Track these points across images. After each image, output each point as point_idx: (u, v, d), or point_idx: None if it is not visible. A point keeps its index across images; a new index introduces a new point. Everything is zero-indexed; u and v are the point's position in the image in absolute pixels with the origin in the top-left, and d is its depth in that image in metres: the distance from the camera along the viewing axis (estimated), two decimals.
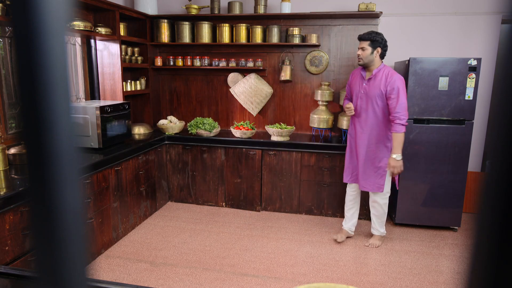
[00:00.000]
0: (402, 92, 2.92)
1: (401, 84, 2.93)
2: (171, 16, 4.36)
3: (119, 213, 3.32)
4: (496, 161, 0.24)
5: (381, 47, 2.98)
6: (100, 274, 2.83)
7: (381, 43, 2.98)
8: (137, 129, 4.13)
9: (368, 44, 2.98)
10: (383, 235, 3.37)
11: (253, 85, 4.22)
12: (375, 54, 2.99)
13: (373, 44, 2.97)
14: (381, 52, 3.00)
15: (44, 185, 0.26)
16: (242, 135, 4.04)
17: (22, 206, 2.22)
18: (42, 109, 0.25)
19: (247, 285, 2.71)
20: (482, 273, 0.25)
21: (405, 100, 2.93)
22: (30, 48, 0.25)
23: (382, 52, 3.01)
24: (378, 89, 2.99)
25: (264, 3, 4.14)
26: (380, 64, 3.04)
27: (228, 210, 4.15)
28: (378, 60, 3.03)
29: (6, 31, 2.93)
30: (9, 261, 2.19)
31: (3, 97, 2.91)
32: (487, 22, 3.88)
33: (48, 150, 0.26)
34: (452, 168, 3.53)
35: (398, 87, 2.91)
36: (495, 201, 0.24)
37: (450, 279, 2.84)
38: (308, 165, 3.90)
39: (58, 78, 0.25)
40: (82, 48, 3.80)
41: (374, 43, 2.97)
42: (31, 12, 0.24)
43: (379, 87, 2.98)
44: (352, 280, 2.80)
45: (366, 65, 3.05)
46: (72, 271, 0.27)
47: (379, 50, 2.99)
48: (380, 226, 3.33)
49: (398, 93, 2.91)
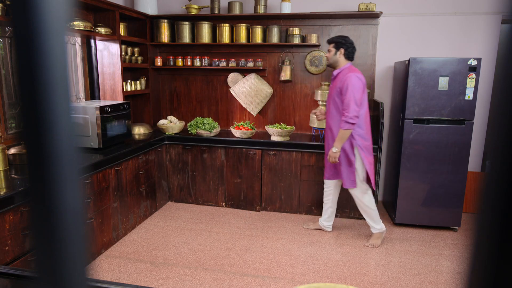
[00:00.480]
0: (351, 90, 3.01)
1: (353, 82, 3.01)
2: (171, 16, 4.36)
3: (119, 213, 3.32)
4: (496, 161, 0.24)
5: (345, 48, 3.14)
6: (100, 274, 2.83)
7: (345, 44, 3.14)
8: (137, 129, 4.13)
9: (332, 46, 3.18)
10: (381, 231, 3.36)
11: (253, 85, 4.22)
12: (338, 55, 3.16)
13: (337, 46, 3.16)
14: (344, 52, 3.15)
15: (44, 185, 0.26)
16: (242, 135, 4.04)
17: (22, 206, 2.22)
18: (42, 109, 0.25)
19: (247, 285, 2.71)
20: (482, 273, 0.25)
21: (353, 98, 3.00)
22: (30, 48, 0.25)
23: (347, 53, 3.16)
24: (337, 87, 3.14)
25: (264, 3, 4.14)
26: (345, 65, 3.18)
27: (228, 210, 4.15)
28: (343, 61, 3.18)
29: (6, 31, 2.93)
30: (9, 261, 2.19)
31: (3, 97, 2.91)
32: (487, 22, 3.88)
33: (48, 150, 0.26)
34: (452, 168, 3.53)
35: (348, 85, 3.02)
36: (495, 201, 0.24)
37: (450, 279, 2.84)
38: (308, 165, 3.90)
39: (58, 78, 0.25)
40: (82, 48, 3.80)
41: (338, 44, 3.15)
42: (31, 12, 0.24)
43: (337, 85, 3.13)
44: (352, 280, 2.80)
45: (332, 66, 3.26)
46: (72, 271, 0.27)
47: (342, 50, 3.15)
48: (373, 222, 3.34)
49: (347, 91, 3.02)
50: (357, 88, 3.01)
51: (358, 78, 3.03)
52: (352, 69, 3.13)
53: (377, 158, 3.72)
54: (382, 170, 4.32)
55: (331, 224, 3.60)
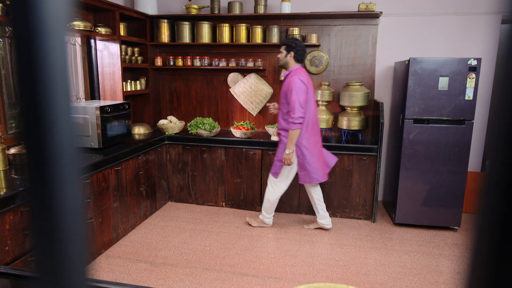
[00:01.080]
0: (295, 92, 3.14)
1: (296, 85, 3.14)
2: (171, 16, 4.36)
3: (119, 213, 3.32)
4: (496, 161, 0.24)
5: (294, 51, 3.25)
6: (100, 274, 2.83)
7: (295, 47, 3.25)
8: (137, 129, 4.13)
9: (284, 48, 3.30)
10: (265, 222, 3.65)
11: (253, 85, 4.22)
12: (288, 57, 3.28)
13: (288, 48, 3.27)
14: (294, 55, 3.26)
15: (44, 185, 0.26)
16: (242, 135, 4.04)
17: (22, 206, 2.22)
18: (42, 109, 0.25)
19: (247, 285, 2.71)
20: (482, 273, 0.25)
21: (297, 99, 3.13)
22: (30, 48, 0.25)
23: (297, 56, 3.27)
24: (284, 89, 3.28)
25: (264, 3, 4.14)
26: (294, 67, 3.29)
27: (228, 210, 4.15)
28: (293, 63, 3.30)
29: (6, 31, 2.93)
30: (9, 261, 2.19)
31: (3, 97, 2.91)
32: (487, 22, 3.88)
33: (48, 150, 0.26)
34: (452, 168, 3.53)
35: (292, 88, 3.15)
36: (495, 201, 0.24)
37: (450, 279, 2.84)
38: None
39: (58, 78, 0.25)
40: (82, 48, 3.80)
41: (288, 47, 3.26)
42: (31, 12, 0.24)
43: (284, 88, 3.27)
44: (352, 280, 2.80)
45: (283, 67, 3.37)
46: (72, 271, 0.27)
47: (292, 53, 3.26)
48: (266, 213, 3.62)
49: (291, 94, 3.16)
50: (300, 91, 3.15)
51: (300, 81, 3.17)
52: (298, 72, 3.24)
53: (377, 158, 3.72)
54: (382, 170, 4.32)
55: (327, 220, 3.61)
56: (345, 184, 3.86)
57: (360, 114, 3.98)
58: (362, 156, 3.76)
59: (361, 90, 3.91)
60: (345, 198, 3.90)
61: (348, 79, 4.21)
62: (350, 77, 4.23)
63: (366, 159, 3.76)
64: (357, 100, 3.88)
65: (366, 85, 4.18)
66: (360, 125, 3.95)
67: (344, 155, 3.80)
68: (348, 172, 3.83)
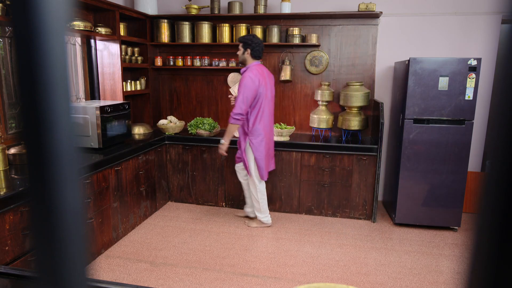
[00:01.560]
0: (242, 89, 3.26)
1: (245, 82, 3.25)
2: (171, 16, 4.36)
3: (119, 213, 3.32)
4: (496, 161, 0.24)
5: (251, 48, 3.35)
6: (100, 274, 2.83)
7: (251, 45, 3.34)
8: (137, 129, 4.13)
9: (241, 46, 3.39)
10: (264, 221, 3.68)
11: None
12: (246, 54, 3.38)
13: (244, 46, 3.36)
14: (251, 52, 3.36)
15: (44, 185, 0.26)
16: None
17: (22, 206, 2.22)
18: (42, 109, 0.25)
19: (247, 285, 2.71)
20: (482, 273, 0.25)
21: (242, 96, 3.25)
22: (30, 48, 0.25)
23: (253, 53, 3.36)
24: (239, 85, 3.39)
25: (264, 3, 4.14)
26: (252, 63, 3.39)
27: (228, 210, 4.15)
28: (250, 60, 3.40)
29: (6, 31, 2.93)
30: (9, 261, 2.19)
31: (3, 97, 2.91)
32: (487, 22, 3.88)
33: (48, 150, 0.26)
34: (452, 168, 3.53)
35: (241, 84, 3.28)
36: (495, 201, 0.24)
37: (450, 279, 2.84)
38: (308, 165, 3.90)
39: (58, 78, 0.25)
40: (82, 48, 3.80)
41: (245, 44, 3.36)
42: (31, 12, 0.24)
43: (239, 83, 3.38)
44: (352, 280, 2.80)
45: (242, 64, 3.48)
46: (72, 271, 0.27)
47: (248, 51, 3.36)
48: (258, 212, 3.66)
49: (239, 89, 3.29)
50: (247, 88, 3.25)
51: (251, 79, 3.26)
52: (253, 69, 3.33)
53: (377, 158, 3.72)
54: (382, 170, 4.32)
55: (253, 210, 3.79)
56: (345, 184, 3.86)
57: (360, 114, 3.98)
58: (362, 156, 3.76)
59: (361, 90, 3.91)
60: (345, 198, 3.90)
61: (348, 79, 4.21)
62: (350, 77, 4.23)
63: (366, 159, 3.76)
64: (357, 100, 3.88)
65: (366, 85, 4.18)
66: (360, 125, 3.95)
67: (344, 155, 3.80)
68: (348, 172, 3.83)
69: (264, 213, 3.65)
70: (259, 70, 3.34)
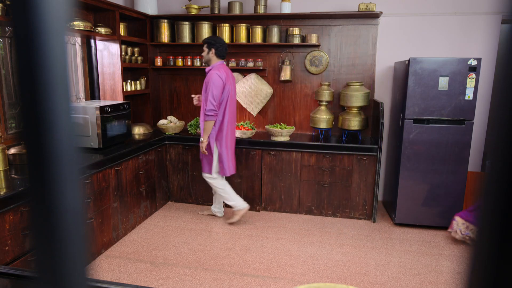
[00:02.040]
0: (211, 86, 3.36)
1: (213, 80, 3.36)
2: (171, 16, 4.36)
3: (119, 213, 3.32)
4: (496, 161, 0.24)
5: (215, 48, 3.45)
6: (100, 274, 2.83)
7: (214, 45, 3.45)
8: (137, 129, 4.13)
9: (205, 46, 3.49)
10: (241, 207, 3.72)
11: (253, 85, 4.22)
12: (210, 54, 3.47)
13: (209, 46, 3.46)
14: (215, 52, 3.45)
15: (44, 185, 0.26)
16: (242, 135, 4.04)
17: (22, 206, 2.22)
18: (42, 109, 0.25)
19: (247, 285, 2.71)
20: (482, 273, 0.25)
21: (211, 94, 3.36)
22: (30, 48, 0.25)
23: (218, 52, 3.46)
24: (205, 84, 3.48)
25: (264, 3, 4.14)
26: (216, 63, 3.49)
27: (228, 210, 4.15)
28: (215, 59, 3.49)
29: (6, 31, 2.93)
30: (9, 261, 2.19)
31: (3, 97, 2.91)
32: (487, 22, 3.88)
33: (48, 150, 0.26)
34: (452, 168, 3.53)
35: (209, 82, 3.38)
36: (495, 201, 0.24)
37: (450, 279, 2.84)
38: (308, 165, 3.90)
39: (58, 78, 0.25)
40: (82, 48, 3.80)
41: (209, 45, 3.46)
42: (31, 12, 0.24)
43: (205, 82, 3.47)
44: (352, 280, 2.80)
45: (207, 63, 3.56)
46: (72, 271, 0.27)
47: (213, 50, 3.45)
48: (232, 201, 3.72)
49: (208, 87, 3.39)
50: (215, 86, 3.36)
51: (218, 77, 3.38)
52: (218, 68, 3.44)
53: (377, 158, 3.72)
54: (382, 170, 4.32)
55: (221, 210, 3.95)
56: (345, 184, 3.86)
57: (360, 114, 3.98)
58: (362, 156, 3.76)
59: (361, 90, 3.91)
60: (345, 198, 3.90)
61: (348, 79, 4.21)
62: (350, 77, 4.23)
63: (366, 159, 3.76)
64: (357, 100, 3.88)
65: (366, 85, 4.18)
66: (360, 125, 3.95)
67: (344, 155, 3.80)
68: (348, 172, 3.83)
69: (236, 200, 3.73)
70: (224, 69, 3.47)
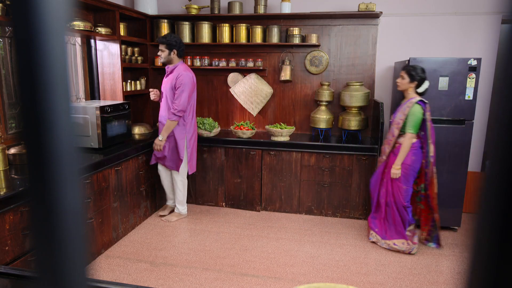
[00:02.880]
0: (184, 87, 3.40)
1: (186, 81, 3.41)
2: (171, 16, 4.36)
3: (119, 213, 3.32)
4: (496, 161, 0.24)
5: (176, 48, 3.46)
6: (100, 274, 2.83)
7: (176, 45, 3.45)
8: (137, 129, 4.13)
9: (165, 47, 3.46)
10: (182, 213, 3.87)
11: (253, 85, 4.22)
12: (172, 55, 3.48)
13: (170, 47, 3.45)
14: (177, 52, 3.48)
15: (44, 185, 0.26)
16: (242, 135, 4.04)
17: (22, 206, 2.22)
18: (42, 109, 0.25)
19: (247, 285, 2.71)
20: (482, 273, 0.25)
21: (184, 95, 3.41)
22: (30, 48, 0.25)
23: (179, 52, 3.49)
24: (172, 82, 3.48)
25: (264, 3, 4.14)
26: (177, 62, 3.53)
27: (228, 210, 4.15)
28: (176, 59, 3.52)
29: (6, 31, 2.93)
30: (9, 261, 2.19)
31: (3, 97, 2.91)
32: (487, 22, 3.88)
33: (48, 150, 0.26)
34: (452, 168, 3.53)
35: (182, 82, 3.41)
36: (495, 201, 0.24)
37: (450, 279, 2.84)
38: (308, 165, 3.90)
39: (58, 78, 0.25)
40: (82, 48, 3.80)
41: (170, 46, 3.44)
42: (31, 12, 0.24)
43: (172, 81, 3.47)
44: (352, 280, 2.80)
45: (167, 63, 3.56)
46: (72, 271, 0.27)
47: (175, 51, 3.47)
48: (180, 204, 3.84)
49: (180, 87, 3.41)
50: (189, 88, 3.44)
51: (189, 77, 3.44)
52: (186, 68, 3.52)
53: (377, 158, 3.72)
54: None
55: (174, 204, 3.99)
56: (345, 184, 3.86)
57: (360, 114, 3.98)
58: (362, 156, 3.76)
59: (361, 90, 3.91)
60: (345, 198, 3.90)
61: (348, 79, 4.21)
62: (350, 77, 4.23)
63: (366, 159, 3.76)
64: (357, 100, 3.88)
65: (366, 85, 4.18)
66: (360, 125, 3.95)
67: (344, 155, 3.80)
68: (348, 172, 3.83)
69: (184, 205, 3.88)
70: (189, 69, 3.55)
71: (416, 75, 3.03)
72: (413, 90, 3.08)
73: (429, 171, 3.08)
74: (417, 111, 2.99)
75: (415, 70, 3.04)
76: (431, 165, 3.06)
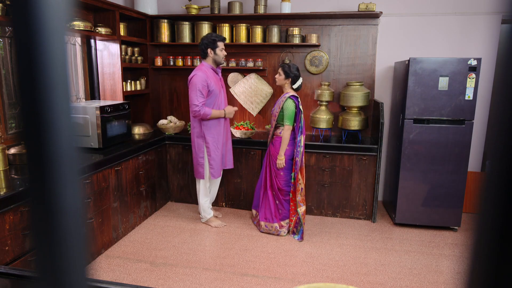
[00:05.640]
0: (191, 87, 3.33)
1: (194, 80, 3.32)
2: (171, 16, 4.36)
3: (119, 213, 3.32)
4: (496, 161, 0.24)
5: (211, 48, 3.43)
6: (100, 274, 2.83)
7: None
8: (137, 129, 4.13)
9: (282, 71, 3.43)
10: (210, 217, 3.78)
11: (253, 85, 4.22)
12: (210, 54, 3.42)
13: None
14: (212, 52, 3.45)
15: (44, 185, 0.26)
16: (242, 135, 4.04)
17: (22, 206, 2.22)
18: (42, 109, 0.25)
19: (247, 285, 2.71)
20: (482, 273, 0.25)
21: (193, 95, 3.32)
22: (30, 48, 0.25)
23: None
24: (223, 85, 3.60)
25: (264, 3, 4.14)
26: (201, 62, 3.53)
27: (228, 210, 4.15)
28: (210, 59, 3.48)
29: (6, 31, 2.93)
30: (9, 261, 2.19)
31: (3, 97, 2.91)
32: (487, 22, 3.88)
33: (48, 150, 0.26)
34: (452, 168, 3.53)
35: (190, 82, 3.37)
36: (495, 201, 0.24)
37: (450, 279, 2.84)
38: (308, 165, 3.90)
39: (58, 78, 0.25)
40: (82, 48, 3.80)
41: None
42: (31, 12, 0.24)
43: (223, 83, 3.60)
44: (352, 280, 2.80)
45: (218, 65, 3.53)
46: (72, 271, 0.27)
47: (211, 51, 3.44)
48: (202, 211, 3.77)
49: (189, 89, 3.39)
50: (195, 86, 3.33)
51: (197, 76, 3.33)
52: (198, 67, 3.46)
53: (377, 158, 3.72)
54: (382, 170, 4.32)
55: None
56: (345, 184, 3.86)
57: (360, 114, 3.98)
58: (362, 156, 3.76)
59: (361, 90, 3.91)
60: (345, 198, 3.90)
61: (348, 79, 4.21)
62: (350, 77, 4.23)
63: (366, 159, 3.76)
64: (357, 100, 3.88)
65: (366, 85, 4.18)
66: (360, 125, 3.95)
67: (344, 155, 3.80)
68: (348, 172, 3.83)
69: (205, 212, 3.76)
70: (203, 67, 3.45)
71: (290, 73, 3.34)
72: (288, 86, 3.39)
73: (299, 160, 3.34)
74: (290, 105, 3.29)
75: (289, 68, 3.34)
76: (301, 155, 3.36)
